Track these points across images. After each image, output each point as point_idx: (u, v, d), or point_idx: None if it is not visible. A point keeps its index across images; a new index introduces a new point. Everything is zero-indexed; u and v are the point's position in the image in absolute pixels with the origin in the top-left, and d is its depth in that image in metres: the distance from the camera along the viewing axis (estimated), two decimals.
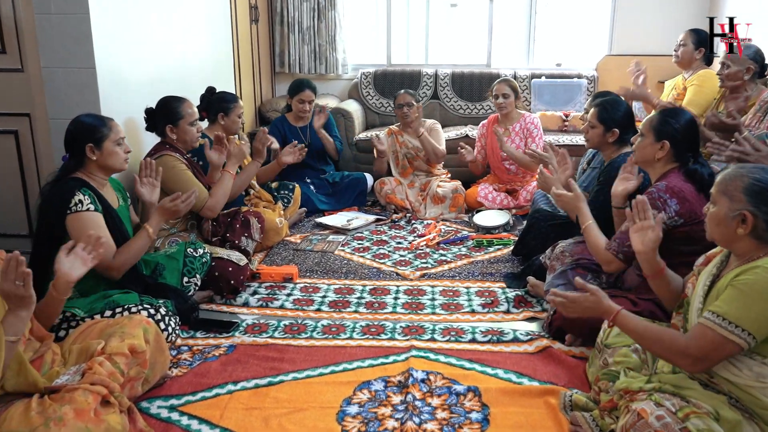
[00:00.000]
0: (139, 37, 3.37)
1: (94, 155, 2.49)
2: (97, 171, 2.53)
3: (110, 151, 2.52)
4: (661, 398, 1.68)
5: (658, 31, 5.43)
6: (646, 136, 2.39)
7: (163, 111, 3.11)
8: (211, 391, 2.23)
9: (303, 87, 4.48)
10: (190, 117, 3.11)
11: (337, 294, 3.11)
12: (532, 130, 4.40)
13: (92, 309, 2.36)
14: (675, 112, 2.42)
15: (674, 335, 1.72)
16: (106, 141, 2.50)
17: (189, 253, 2.85)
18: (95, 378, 1.85)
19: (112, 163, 2.54)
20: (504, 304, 2.95)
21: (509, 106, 4.38)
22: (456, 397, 2.17)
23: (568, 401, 2.08)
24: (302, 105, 4.48)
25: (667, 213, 2.25)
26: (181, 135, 3.11)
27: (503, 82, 4.40)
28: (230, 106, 3.65)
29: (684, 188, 2.28)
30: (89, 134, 2.49)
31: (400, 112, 4.48)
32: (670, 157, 2.36)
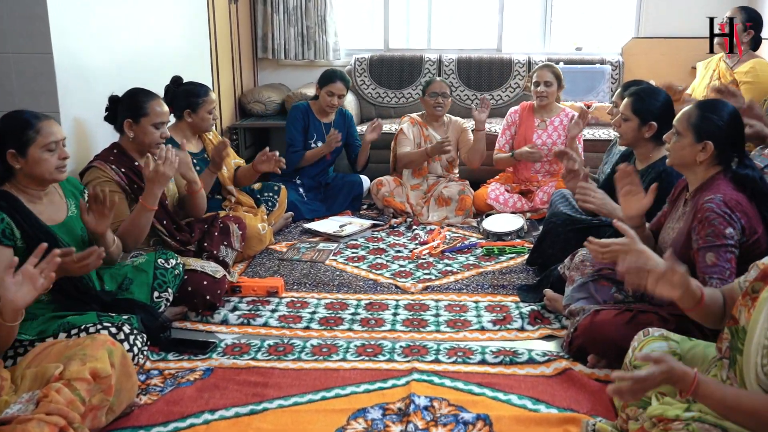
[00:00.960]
0: (103, 18, 3.37)
1: (18, 163, 2.37)
2: (26, 181, 2.42)
3: (36, 158, 2.36)
4: (701, 429, 1.66)
5: (691, 10, 5.45)
6: (684, 135, 2.32)
7: (127, 103, 3.04)
8: (185, 422, 2.22)
9: (335, 78, 4.46)
10: (155, 117, 3.01)
11: (329, 310, 3.10)
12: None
13: (43, 331, 2.33)
14: (715, 105, 2.35)
15: (755, 400, 1.58)
16: (31, 146, 2.36)
17: (160, 265, 2.84)
18: (52, 407, 1.83)
19: (40, 172, 2.39)
20: (518, 321, 2.94)
21: (551, 96, 4.38)
22: (464, 426, 2.16)
23: (591, 430, 2.07)
24: (331, 98, 4.48)
25: (736, 230, 2.18)
26: (140, 135, 3.01)
27: (546, 68, 4.39)
28: (198, 101, 3.59)
29: (740, 199, 2.22)
30: (10, 138, 2.35)
31: (433, 101, 4.47)
32: (713, 159, 2.30)
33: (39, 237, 2.35)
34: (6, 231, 2.30)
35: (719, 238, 2.18)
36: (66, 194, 2.61)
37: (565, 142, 4.30)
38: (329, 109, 4.53)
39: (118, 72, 3.46)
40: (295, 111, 4.57)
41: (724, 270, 2.17)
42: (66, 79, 3.05)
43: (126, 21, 3.59)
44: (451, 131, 4.56)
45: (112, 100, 3.11)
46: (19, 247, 2.33)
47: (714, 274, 2.19)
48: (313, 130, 4.53)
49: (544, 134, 4.41)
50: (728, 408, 1.59)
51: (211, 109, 3.64)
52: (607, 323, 2.44)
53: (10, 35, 2.93)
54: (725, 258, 2.18)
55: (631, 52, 5.66)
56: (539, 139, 4.41)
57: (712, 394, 1.61)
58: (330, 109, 4.54)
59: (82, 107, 3.15)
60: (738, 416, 1.59)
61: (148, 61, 3.83)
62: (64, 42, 3.03)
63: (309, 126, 4.54)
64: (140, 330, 2.51)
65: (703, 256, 2.21)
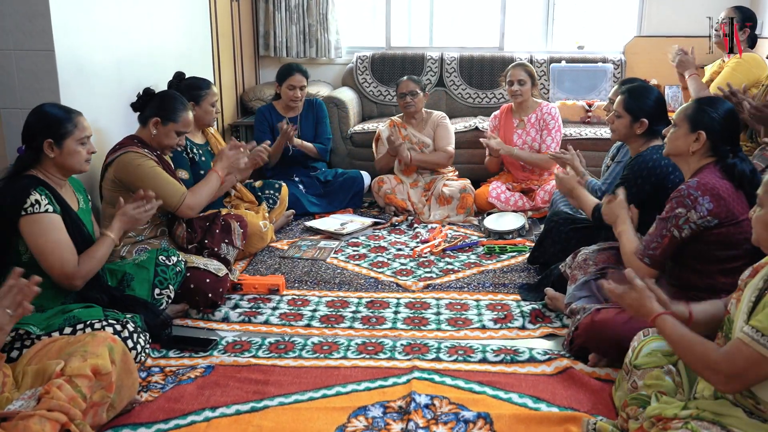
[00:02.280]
0: (105, 16, 3.37)
1: (53, 153, 2.47)
2: (54, 170, 2.51)
3: (71, 150, 2.49)
4: (699, 427, 1.67)
5: (693, 9, 5.44)
6: (680, 126, 2.41)
7: (161, 102, 3.13)
8: (185, 419, 2.22)
9: (292, 71, 4.49)
10: (182, 126, 3.15)
11: (330, 308, 3.10)
12: (548, 122, 4.41)
13: (49, 326, 2.34)
14: (712, 100, 2.44)
15: (708, 347, 1.73)
16: (68, 138, 2.48)
17: (161, 262, 2.84)
18: (53, 404, 1.84)
19: (71, 163, 2.51)
20: (519, 319, 2.95)
21: (525, 94, 4.40)
22: (464, 424, 2.17)
23: (591, 429, 2.08)
24: (293, 92, 4.49)
25: (698, 212, 2.26)
26: (161, 136, 3.12)
27: (519, 67, 4.41)
28: (201, 94, 3.63)
29: (719, 185, 2.28)
30: (50, 129, 2.46)
31: (402, 101, 4.50)
32: (706, 150, 2.37)
33: (71, 216, 2.50)
34: (51, 202, 2.42)
35: (667, 212, 2.33)
36: (76, 189, 2.68)
37: (541, 138, 4.36)
38: (293, 104, 4.55)
39: (119, 69, 3.46)
40: (259, 114, 4.63)
41: (652, 242, 2.36)
42: (68, 76, 3.05)
43: (128, 18, 3.59)
44: (429, 126, 4.59)
45: (147, 93, 3.18)
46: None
47: (645, 241, 2.41)
48: (278, 129, 4.50)
49: (523, 133, 4.43)
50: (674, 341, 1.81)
51: (213, 102, 3.68)
52: (608, 322, 2.44)
53: (12, 32, 2.94)
54: (660, 233, 2.34)
55: (633, 50, 5.65)
56: (519, 139, 4.44)
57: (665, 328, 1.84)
58: (293, 103, 4.55)
59: (84, 104, 3.14)
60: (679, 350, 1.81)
61: (150, 58, 3.83)
62: (66, 39, 3.03)
63: (274, 124, 4.54)
64: (143, 329, 2.53)
65: (654, 225, 2.39)
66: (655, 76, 5.30)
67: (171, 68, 3.77)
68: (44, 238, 2.37)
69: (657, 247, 2.35)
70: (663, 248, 2.34)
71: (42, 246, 2.37)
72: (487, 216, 4.24)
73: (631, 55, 5.64)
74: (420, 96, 4.48)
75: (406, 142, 4.54)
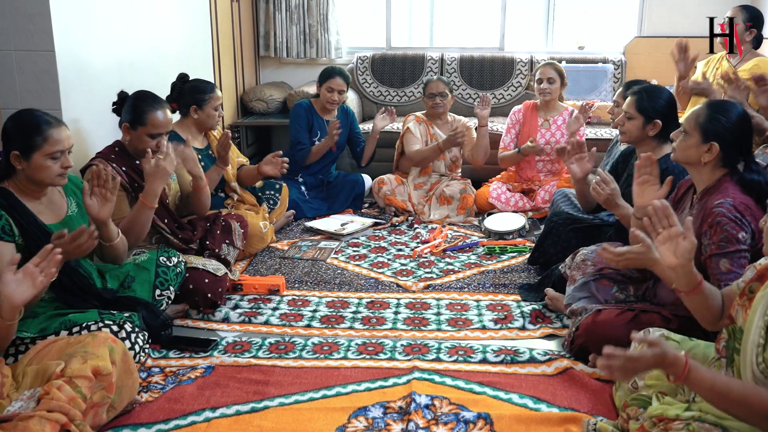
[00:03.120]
0: (106, 16, 3.37)
1: (20, 165, 2.34)
2: (26, 182, 2.40)
3: (38, 164, 2.34)
4: (701, 428, 1.66)
5: (694, 9, 5.44)
6: (691, 135, 2.32)
7: (130, 106, 2.99)
8: (186, 419, 2.22)
9: (334, 74, 4.48)
10: (152, 128, 2.94)
11: (330, 308, 3.10)
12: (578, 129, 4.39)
13: (45, 329, 2.34)
14: (725, 107, 2.34)
15: (762, 395, 1.55)
16: (36, 152, 2.33)
17: (162, 263, 2.84)
18: (53, 404, 1.84)
19: (41, 178, 2.37)
20: (519, 320, 2.95)
21: (554, 92, 4.38)
22: (464, 425, 2.16)
23: (592, 430, 2.07)
24: (331, 94, 4.48)
25: (750, 231, 2.17)
26: (134, 140, 2.98)
27: (549, 66, 4.39)
28: (205, 98, 3.59)
29: (749, 203, 2.22)
30: (17, 139, 2.33)
31: (432, 101, 4.48)
32: (718, 161, 2.30)
33: (37, 236, 2.35)
34: (5, 227, 2.30)
35: (732, 243, 2.16)
36: (67, 193, 2.60)
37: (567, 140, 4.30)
38: (330, 106, 4.53)
39: (120, 70, 3.46)
40: (299, 108, 4.57)
41: (739, 276, 2.11)
42: (68, 77, 3.05)
43: (128, 19, 3.60)
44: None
45: (120, 97, 3.10)
46: (19, 244, 2.33)
47: (729, 280, 2.12)
48: (316, 128, 4.54)
49: (547, 133, 4.41)
50: (718, 394, 1.58)
51: (217, 106, 3.64)
52: (608, 323, 2.44)
53: (12, 33, 2.94)
54: (739, 264, 2.15)
55: (633, 51, 5.66)
56: (542, 138, 4.42)
57: (702, 380, 1.59)
58: (331, 106, 4.53)
59: (84, 105, 3.16)
60: (727, 403, 1.58)
61: (151, 59, 3.83)
62: (66, 40, 3.03)
63: (313, 123, 4.54)
64: (142, 328, 2.52)
65: (717, 263, 2.19)
66: (656, 77, 5.27)
67: (171, 68, 3.77)
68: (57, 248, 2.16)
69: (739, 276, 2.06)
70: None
71: None
72: (487, 216, 4.24)
73: (631, 56, 5.65)
74: (449, 98, 4.49)
75: (433, 141, 4.51)
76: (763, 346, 1.62)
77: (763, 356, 1.61)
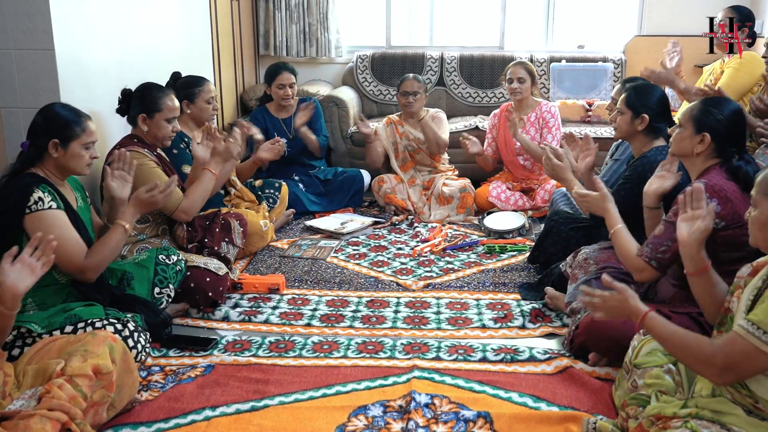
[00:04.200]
0: (105, 15, 3.37)
1: (57, 153, 2.46)
2: (54, 169, 2.51)
3: (75, 153, 2.49)
4: (698, 426, 1.68)
5: (694, 8, 5.44)
6: (685, 127, 2.39)
7: (141, 97, 3.12)
8: (186, 418, 2.23)
9: (280, 70, 4.46)
10: (168, 112, 3.13)
11: (330, 307, 3.10)
12: (548, 120, 4.40)
13: (51, 324, 2.35)
14: (718, 101, 2.41)
15: (702, 341, 1.76)
16: (74, 141, 2.48)
17: (161, 261, 2.84)
18: (54, 403, 1.85)
19: (73, 166, 2.52)
20: (519, 319, 2.95)
21: (525, 92, 4.39)
22: (464, 423, 2.17)
23: (591, 429, 2.08)
24: (282, 90, 4.46)
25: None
26: (153, 129, 3.12)
27: (519, 65, 4.41)
28: (195, 92, 3.62)
29: (726, 187, 2.27)
30: (58, 129, 2.46)
31: (404, 99, 4.50)
32: (711, 152, 2.35)
33: (73, 213, 2.50)
34: (55, 198, 2.43)
35: (675, 216, 2.22)
36: (74, 188, 2.66)
37: (541, 137, 4.36)
38: (284, 102, 4.51)
39: (119, 69, 3.46)
40: (252, 119, 4.56)
41: (661, 244, 2.31)
42: (68, 75, 3.05)
43: (128, 17, 3.59)
44: None
45: (124, 94, 3.17)
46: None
47: (651, 242, 2.35)
48: (273, 130, 4.50)
49: (522, 132, 4.41)
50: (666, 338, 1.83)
51: (209, 99, 3.65)
52: (608, 322, 2.42)
53: (12, 31, 2.94)
54: (670, 236, 2.26)
55: (633, 50, 5.65)
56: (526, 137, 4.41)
57: (655, 327, 1.85)
58: (285, 102, 4.51)
59: (84, 104, 3.13)
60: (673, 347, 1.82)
61: (150, 57, 3.83)
62: (65, 39, 3.03)
63: (268, 126, 4.53)
64: (144, 328, 2.53)
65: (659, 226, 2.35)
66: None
67: (171, 67, 3.77)
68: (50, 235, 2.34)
69: (667, 250, 2.30)
70: (673, 251, 2.28)
71: None
72: (487, 215, 4.24)
73: (631, 55, 5.64)
74: (421, 96, 4.49)
75: (403, 139, 4.55)
76: None
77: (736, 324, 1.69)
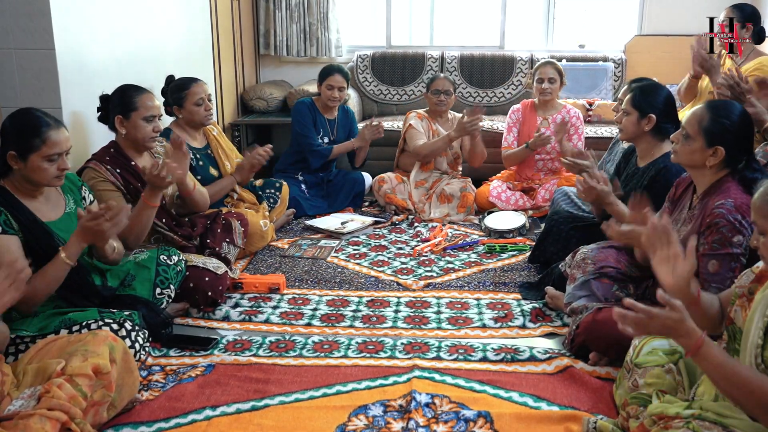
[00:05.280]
0: (106, 15, 3.37)
1: (16, 165, 2.33)
2: (23, 181, 2.39)
3: (35, 166, 2.32)
4: (700, 427, 1.67)
5: (694, 8, 5.43)
6: (695, 139, 2.29)
7: (116, 99, 3.02)
8: (186, 417, 2.22)
9: (333, 71, 4.48)
10: (145, 111, 2.97)
11: (330, 306, 3.10)
12: (577, 125, 4.39)
13: (43, 328, 2.34)
14: (726, 107, 2.32)
15: (765, 382, 1.56)
16: (33, 154, 2.31)
17: (162, 261, 2.84)
18: (53, 402, 1.84)
19: (37, 179, 2.36)
20: (519, 318, 2.95)
21: (554, 92, 4.39)
22: (465, 423, 2.17)
23: (592, 428, 2.07)
24: (331, 92, 4.48)
25: (748, 235, 2.16)
26: (131, 131, 2.98)
27: (548, 65, 4.38)
28: (182, 95, 3.53)
29: (749, 203, 2.22)
30: (15, 140, 2.32)
31: (436, 98, 4.48)
32: (722, 163, 2.28)
33: (36, 233, 2.36)
34: (6, 221, 2.30)
35: (725, 246, 2.18)
36: (64, 190, 2.60)
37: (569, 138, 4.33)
38: (331, 103, 4.53)
39: (120, 68, 3.46)
40: (301, 106, 4.56)
41: (725, 279, 2.17)
42: (68, 75, 3.05)
43: (128, 17, 3.59)
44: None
45: (102, 99, 3.09)
46: (20, 239, 2.33)
47: (714, 282, 2.19)
48: (319, 126, 4.55)
49: (546, 132, 4.40)
50: (724, 374, 1.59)
51: (197, 101, 3.54)
52: (609, 321, 2.41)
53: (12, 31, 2.94)
54: (728, 267, 2.18)
55: (634, 49, 5.65)
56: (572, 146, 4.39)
57: (713, 357, 1.60)
58: (332, 103, 4.53)
59: (84, 103, 3.16)
60: (730, 385, 1.59)
61: (151, 57, 3.83)
62: (66, 38, 3.03)
63: (316, 121, 4.55)
64: (142, 326, 2.52)
65: (706, 263, 2.21)
66: (656, 75, 5.23)
67: (171, 67, 3.77)
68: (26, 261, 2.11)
69: (731, 280, 2.07)
70: (733, 280, 2.07)
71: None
72: (487, 215, 4.24)
73: (631, 54, 5.64)
74: (453, 96, 4.50)
75: (435, 137, 4.51)
76: (762, 346, 1.63)
77: (762, 356, 1.62)
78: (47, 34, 2.94)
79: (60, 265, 2.32)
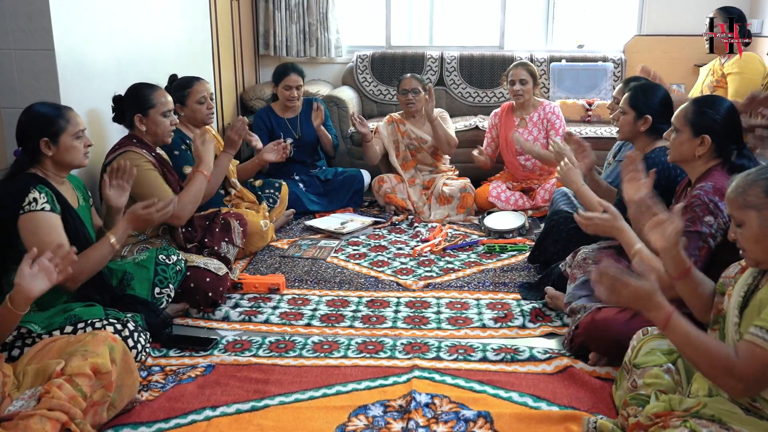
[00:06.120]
0: (105, 15, 3.37)
1: (50, 151, 2.45)
2: (53, 168, 2.50)
3: (68, 146, 2.48)
4: (698, 425, 1.67)
5: (694, 8, 5.44)
6: (682, 131, 2.36)
7: (132, 99, 3.08)
8: (186, 418, 2.22)
9: (288, 71, 4.48)
10: (162, 106, 3.08)
11: (330, 307, 3.10)
12: (553, 121, 4.40)
13: (51, 324, 2.35)
14: (711, 100, 2.40)
15: (724, 349, 1.67)
16: (62, 135, 2.46)
17: (161, 261, 2.84)
18: (53, 403, 1.84)
19: (70, 159, 2.50)
20: (519, 318, 2.95)
21: (526, 93, 4.39)
22: (464, 423, 2.17)
23: (592, 428, 2.08)
24: (289, 92, 4.49)
25: (722, 218, 2.20)
26: (152, 127, 3.08)
27: (520, 66, 4.41)
28: (184, 94, 3.57)
29: None
30: (43, 127, 2.45)
31: (404, 98, 4.50)
32: (711, 153, 2.33)
33: (70, 214, 2.49)
34: (51, 200, 2.41)
35: (695, 224, 2.23)
36: (75, 187, 2.66)
37: (546, 136, 4.36)
38: (290, 104, 4.54)
39: (119, 68, 3.46)
40: (257, 118, 4.61)
41: (690, 257, 2.17)
42: (68, 75, 3.05)
43: (128, 17, 3.59)
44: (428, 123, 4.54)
45: (116, 100, 3.14)
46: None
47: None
48: (279, 130, 4.53)
49: (525, 132, 4.42)
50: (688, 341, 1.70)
51: (200, 99, 3.58)
52: (608, 321, 2.44)
53: (12, 31, 2.93)
54: (695, 245, 2.22)
55: (633, 49, 5.66)
56: (521, 137, 4.41)
57: (680, 327, 1.71)
58: (290, 103, 4.54)
59: (84, 104, 3.15)
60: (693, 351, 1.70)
61: (150, 57, 3.83)
62: (66, 38, 3.03)
63: (273, 126, 4.55)
64: (144, 328, 2.53)
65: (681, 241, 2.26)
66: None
67: (171, 67, 3.77)
68: (38, 237, 2.32)
69: (696, 261, 2.16)
70: (701, 261, 2.22)
71: (35, 245, 2.19)
72: (487, 215, 4.24)
73: (631, 54, 5.65)
74: (422, 94, 4.47)
75: (405, 138, 4.54)
76: (738, 324, 1.71)
77: (739, 332, 1.69)
78: (47, 34, 2.94)
79: (107, 248, 2.53)
